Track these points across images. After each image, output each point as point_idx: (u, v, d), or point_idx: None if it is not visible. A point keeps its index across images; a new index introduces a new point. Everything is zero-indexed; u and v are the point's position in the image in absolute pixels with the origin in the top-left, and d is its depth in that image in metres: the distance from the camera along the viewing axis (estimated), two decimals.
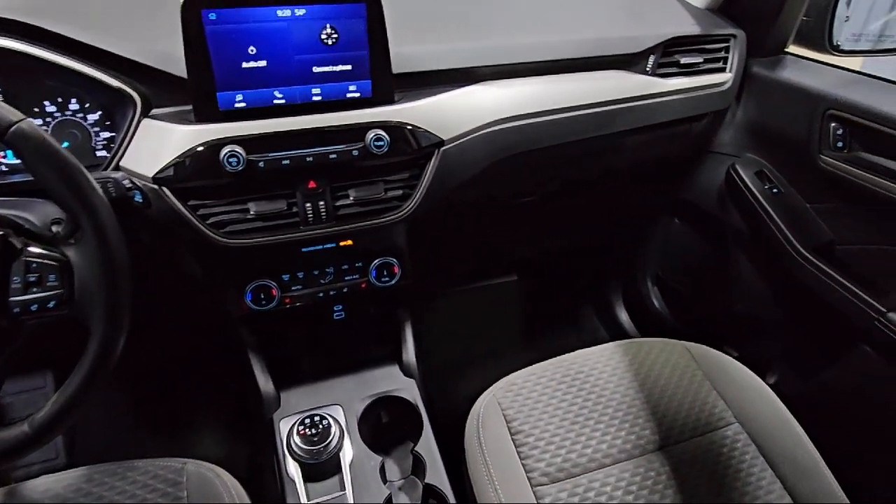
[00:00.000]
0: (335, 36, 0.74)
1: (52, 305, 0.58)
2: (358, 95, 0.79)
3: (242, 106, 0.74)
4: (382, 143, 0.78)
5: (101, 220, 0.56)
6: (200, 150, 0.72)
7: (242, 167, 0.72)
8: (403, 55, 0.83)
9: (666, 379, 0.92)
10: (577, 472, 0.80)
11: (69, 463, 1.14)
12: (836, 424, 0.95)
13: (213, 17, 0.69)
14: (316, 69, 0.75)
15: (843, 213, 0.99)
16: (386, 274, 0.93)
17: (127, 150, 0.74)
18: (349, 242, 0.87)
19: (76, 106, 0.76)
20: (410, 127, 0.81)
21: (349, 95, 0.78)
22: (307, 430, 0.84)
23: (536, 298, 1.71)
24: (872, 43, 1.09)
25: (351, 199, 0.82)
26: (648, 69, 1.02)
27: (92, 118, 0.77)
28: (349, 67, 0.77)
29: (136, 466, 0.78)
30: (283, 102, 0.75)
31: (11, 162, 0.76)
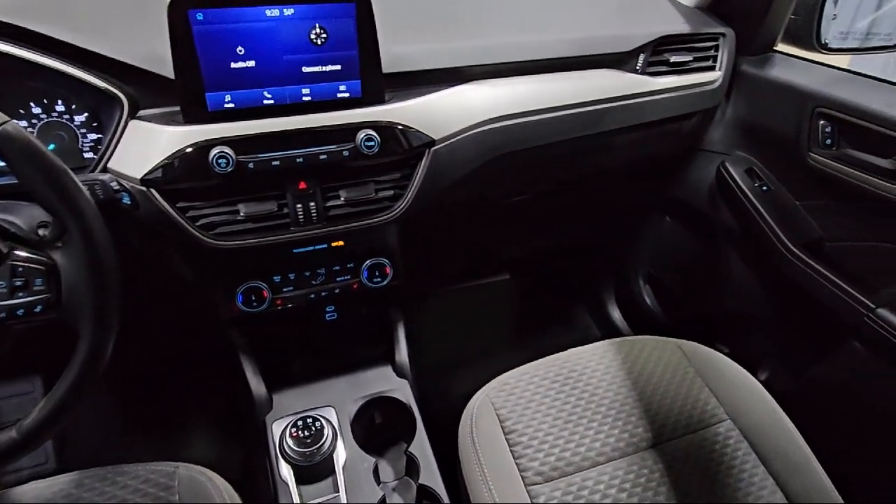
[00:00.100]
0: (324, 36, 0.74)
1: (39, 310, 0.57)
2: (348, 95, 0.78)
3: (231, 107, 0.73)
4: (373, 143, 0.78)
5: (87, 222, 0.55)
6: (189, 151, 0.71)
7: (232, 168, 0.72)
8: (393, 55, 0.83)
9: (658, 377, 0.92)
10: (570, 470, 0.80)
11: (59, 468, 1.13)
12: (826, 420, 0.96)
13: (200, 17, 0.68)
14: (305, 69, 0.75)
15: (832, 210, 1.00)
16: (378, 274, 0.92)
17: (114, 151, 0.74)
18: (340, 243, 0.86)
19: (62, 107, 0.75)
20: (401, 127, 0.81)
21: (339, 95, 0.78)
22: (300, 431, 0.83)
23: (529, 297, 1.71)
24: (860, 41, 1.10)
25: (342, 199, 0.81)
26: (638, 68, 1.03)
27: (78, 120, 0.76)
28: (339, 67, 0.76)
29: (126, 471, 0.77)
30: (272, 103, 0.75)
31: None
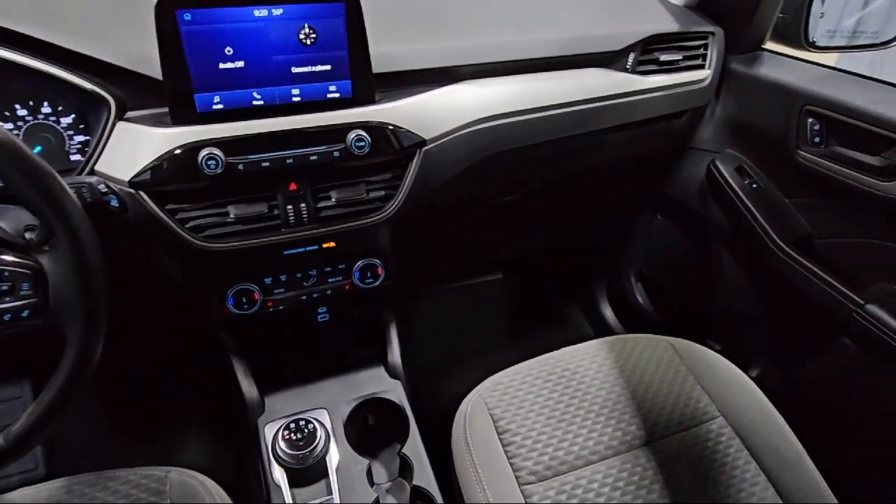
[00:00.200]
0: (314, 36, 0.73)
1: (25, 315, 0.56)
2: (338, 96, 0.78)
3: (220, 107, 0.73)
4: (364, 143, 0.77)
5: (74, 226, 0.54)
6: (178, 153, 0.70)
7: (221, 170, 0.71)
8: (384, 54, 0.82)
9: (650, 375, 0.93)
10: (564, 469, 0.80)
11: (48, 473, 1.12)
12: (817, 416, 0.97)
13: (187, 17, 0.67)
14: (295, 69, 0.74)
15: (820, 207, 1.01)
16: (370, 275, 0.92)
17: (102, 153, 0.73)
18: (332, 244, 0.86)
19: (48, 109, 0.74)
20: (392, 127, 0.80)
21: (329, 96, 0.78)
22: (292, 434, 0.83)
23: (521, 296, 1.71)
24: (847, 39, 1.11)
25: (333, 200, 0.81)
26: (628, 67, 1.03)
27: (65, 121, 0.75)
28: (329, 67, 0.76)
29: (117, 476, 0.76)
30: (261, 103, 0.74)
31: None
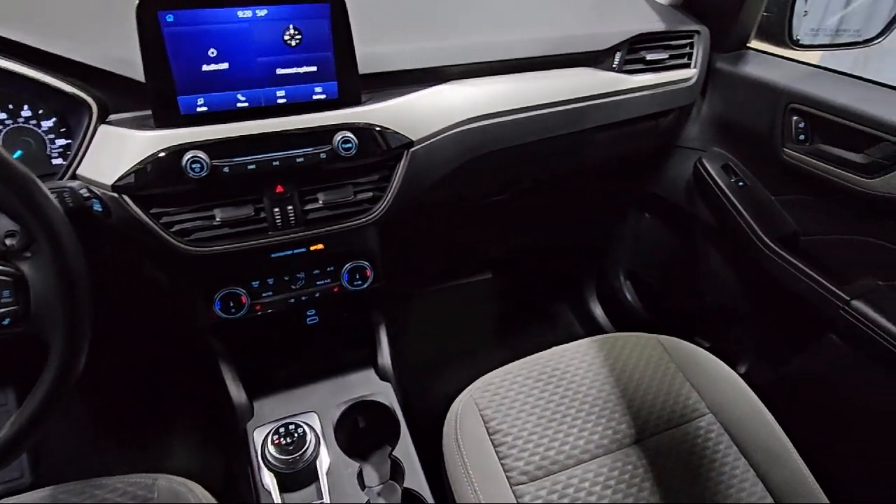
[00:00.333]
0: (299, 37, 0.73)
1: (6, 323, 0.56)
2: (324, 97, 0.77)
3: (204, 110, 0.72)
4: (350, 145, 0.77)
5: (55, 232, 0.53)
6: (162, 156, 0.70)
7: (206, 173, 0.70)
8: (370, 55, 0.82)
9: (640, 373, 0.93)
10: (555, 469, 0.80)
11: (34, 482, 1.10)
12: (805, 411, 0.98)
13: (170, 18, 0.66)
14: (280, 71, 0.74)
15: (806, 204, 1.02)
16: (358, 277, 0.91)
17: (84, 157, 0.72)
18: (320, 247, 0.85)
19: (28, 113, 0.73)
20: (379, 128, 0.80)
21: (315, 97, 0.77)
22: (282, 439, 0.82)
23: (511, 296, 1.71)
24: (830, 37, 1.12)
25: (320, 202, 0.80)
26: (615, 66, 1.03)
27: (46, 125, 0.74)
28: (314, 69, 0.75)
29: (104, 484, 0.75)
30: (246, 105, 0.73)
31: None
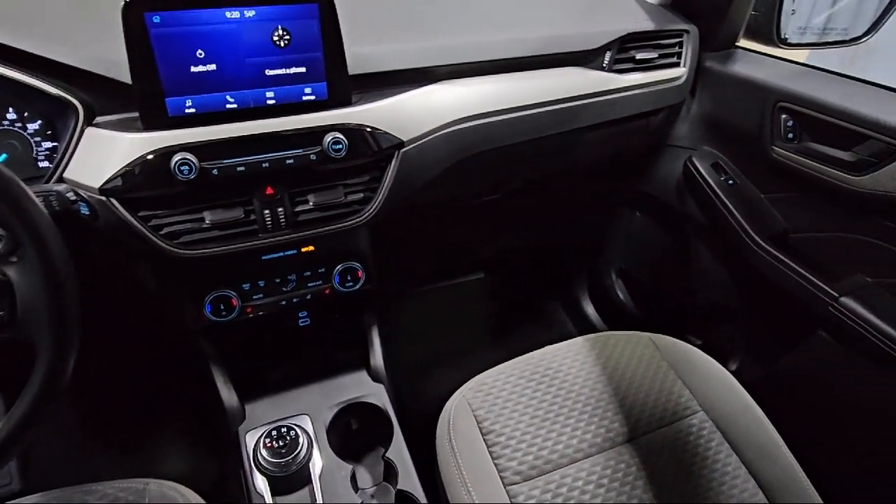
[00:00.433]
0: (287, 37, 0.72)
1: None
2: (314, 98, 0.77)
3: (192, 111, 0.71)
4: (341, 146, 0.76)
5: (41, 236, 0.53)
6: (150, 158, 0.69)
7: (195, 175, 0.70)
8: (360, 55, 0.81)
9: (632, 371, 0.93)
10: (548, 468, 0.80)
11: (24, 488, 1.09)
12: (795, 408, 0.98)
13: (157, 19, 0.66)
14: (269, 72, 0.73)
15: (795, 201, 1.02)
16: (350, 279, 0.91)
17: (70, 160, 0.71)
18: (311, 248, 0.85)
19: (14, 115, 0.72)
20: (369, 129, 0.79)
21: (305, 98, 0.76)
22: (274, 442, 0.82)
23: (503, 295, 1.71)
24: (817, 36, 1.13)
25: (310, 204, 0.80)
26: (605, 65, 1.03)
27: (32, 128, 0.73)
28: (303, 69, 0.75)
29: (94, 490, 0.75)
30: (235, 107, 0.73)
31: None
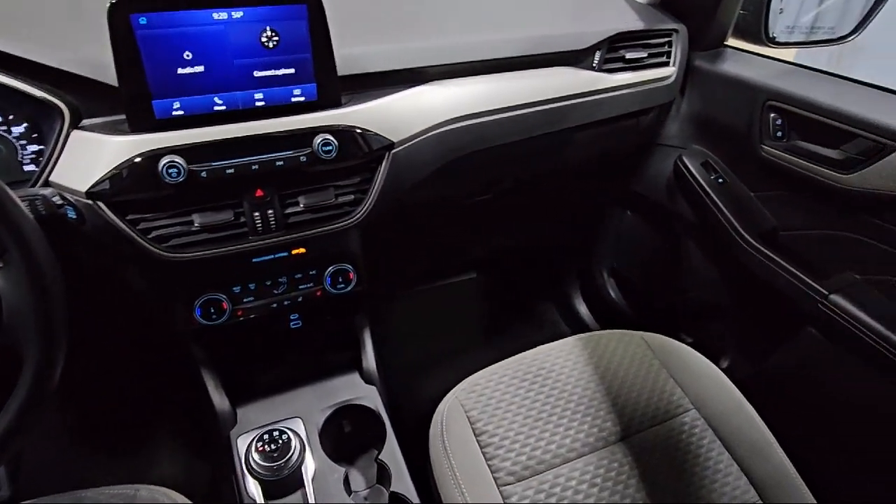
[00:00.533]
0: (276, 38, 0.72)
1: None
2: (303, 99, 0.76)
3: (180, 114, 0.70)
4: (331, 147, 0.76)
5: (26, 240, 0.52)
6: (137, 161, 0.68)
7: (183, 178, 0.69)
8: (349, 56, 0.81)
9: (625, 370, 0.93)
10: (542, 468, 0.80)
11: (13, 496, 1.08)
12: (786, 405, 0.99)
13: (143, 21, 0.65)
14: (257, 73, 0.73)
15: (784, 200, 1.03)
16: (341, 280, 0.91)
17: (57, 164, 0.70)
18: (301, 250, 0.84)
19: None
20: (359, 130, 0.79)
21: (294, 100, 0.76)
22: (266, 446, 0.81)
23: (496, 295, 1.71)
24: (805, 35, 1.13)
25: (301, 206, 0.79)
26: (595, 65, 1.03)
27: (17, 131, 0.72)
28: (292, 71, 0.74)
29: (84, 496, 0.74)
30: (224, 109, 0.72)
31: None
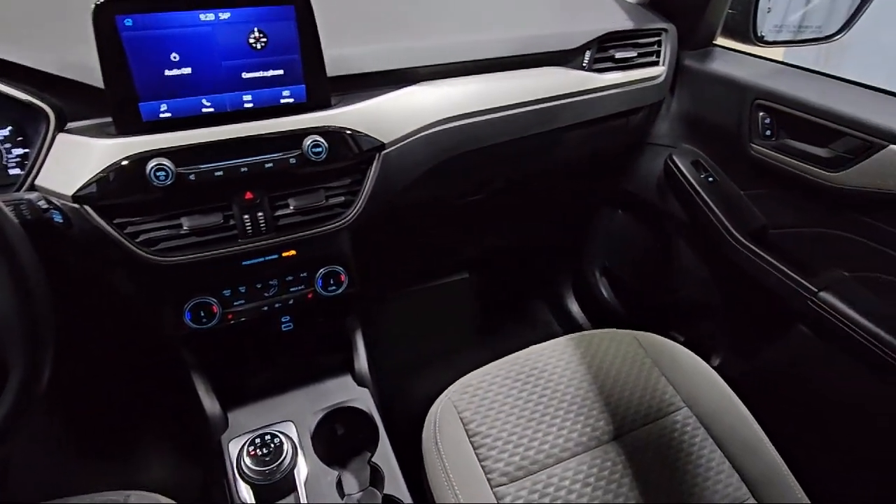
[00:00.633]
0: (264, 40, 0.71)
1: None
2: (292, 101, 0.76)
3: (168, 116, 0.70)
4: (320, 149, 0.76)
5: (10, 245, 0.51)
6: (124, 164, 0.67)
7: (171, 181, 0.68)
8: (338, 57, 0.80)
9: (617, 369, 0.94)
10: (535, 469, 0.80)
11: (2, 503, 1.07)
12: (777, 401, 1.00)
13: (129, 22, 0.64)
14: (245, 75, 0.72)
15: (774, 198, 1.04)
16: (332, 283, 0.90)
17: (42, 167, 0.69)
18: (292, 253, 0.84)
19: None
20: (349, 131, 0.79)
21: (283, 101, 0.75)
22: (258, 450, 0.80)
23: (488, 295, 1.71)
24: (793, 34, 1.14)
25: (291, 208, 0.79)
26: (585, 65, 1.04)
27: (1, 134, 0.71)
28: (281, 72, 0.74)
29: (74, 503, 0.73)
30: (212, 111, 0.72)
31: None
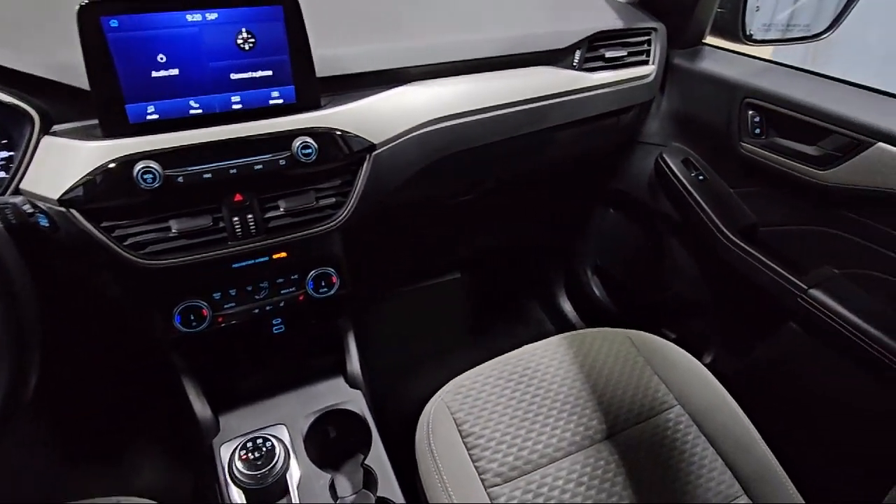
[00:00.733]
0: (252, 40, 0.71)
1: None
2: (281, 102, 0.75)
3: (155, 118, 0.69)
4: (310, 150, 0.75)
5: None
6: (111, 167, 0.67)
7: (159, 183, 0.68)
8: (328, 57, 0.80)
9: (609, 368, 0.94)
10: (529, 469, 0.80)
11: None
12: (768, 399, 1.00)
13: (114, 23, 0.63)
14: (234, 76, 0.71)
15: (764, 196, 1.04)
16: (324, 284, 0.89)
17: (27, 171, 0.68)
18: (283, 255, 0.83)
19: None
20: (339, 132, 0.78)
21: (272, 102, 0.75)
22: (250, 454, 0.80)
23: (480, 295, 1.71)
24: (781, 32, 1.15)
25: (281, 210, 0.78)
26: (575, 64, 1.04)
27: None
28: (270, 73, 0.73)
29: None
30: (200, 112, 0.71)
31: None
